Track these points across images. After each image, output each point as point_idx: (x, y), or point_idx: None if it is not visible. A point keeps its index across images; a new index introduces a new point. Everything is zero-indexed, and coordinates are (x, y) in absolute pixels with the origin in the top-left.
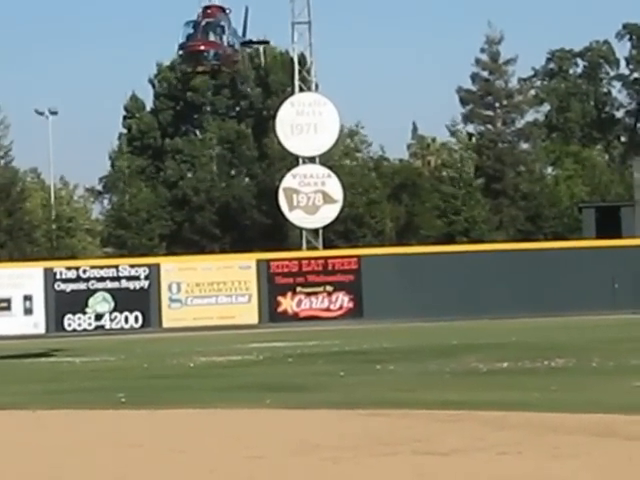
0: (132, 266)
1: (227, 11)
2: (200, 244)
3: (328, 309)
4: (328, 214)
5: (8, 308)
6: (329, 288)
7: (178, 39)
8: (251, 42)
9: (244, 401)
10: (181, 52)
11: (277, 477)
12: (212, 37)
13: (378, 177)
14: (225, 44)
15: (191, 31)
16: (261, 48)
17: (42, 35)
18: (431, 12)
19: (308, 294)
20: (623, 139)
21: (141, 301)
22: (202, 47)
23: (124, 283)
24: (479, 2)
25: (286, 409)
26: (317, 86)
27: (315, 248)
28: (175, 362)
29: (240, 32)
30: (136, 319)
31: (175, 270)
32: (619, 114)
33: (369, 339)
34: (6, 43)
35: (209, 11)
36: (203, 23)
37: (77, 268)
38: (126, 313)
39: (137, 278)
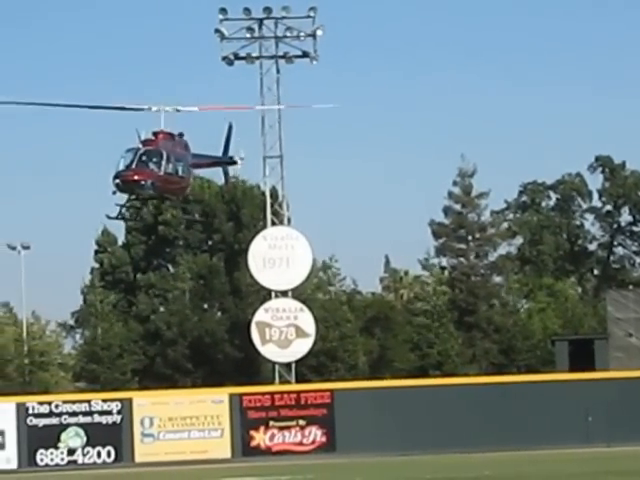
0: (105, 401)
1: (178, 136)
2: (172, 378)
3: (301, 443)
4: (301, 348)
5: None
6: (302, 422)
7: (119, 165)
8: (231, 161)
9: None
10: (117, 181)
11: None
12: (151, 165)
13: (351, 310)
14: (162, 172)
15: (132, 157)
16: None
17: (13, 170)
18: (403, 145)
19: (281, 428)
20: (596, 272)
21: (114, 436)
22: (135, 177)
23: (97, 418)
24: (452, 135)
25: None
26: (289, 220)
27: (288, 382)
28: None
29: (221, 150)
30: (109, 454)
31: (148, 404)
32: (592, 247)
33: (342, 474)
34: None
35: (154, 138)
36: (141, 151)
37: (49, 403)
38: (99, 448)
39: (110, 413)
